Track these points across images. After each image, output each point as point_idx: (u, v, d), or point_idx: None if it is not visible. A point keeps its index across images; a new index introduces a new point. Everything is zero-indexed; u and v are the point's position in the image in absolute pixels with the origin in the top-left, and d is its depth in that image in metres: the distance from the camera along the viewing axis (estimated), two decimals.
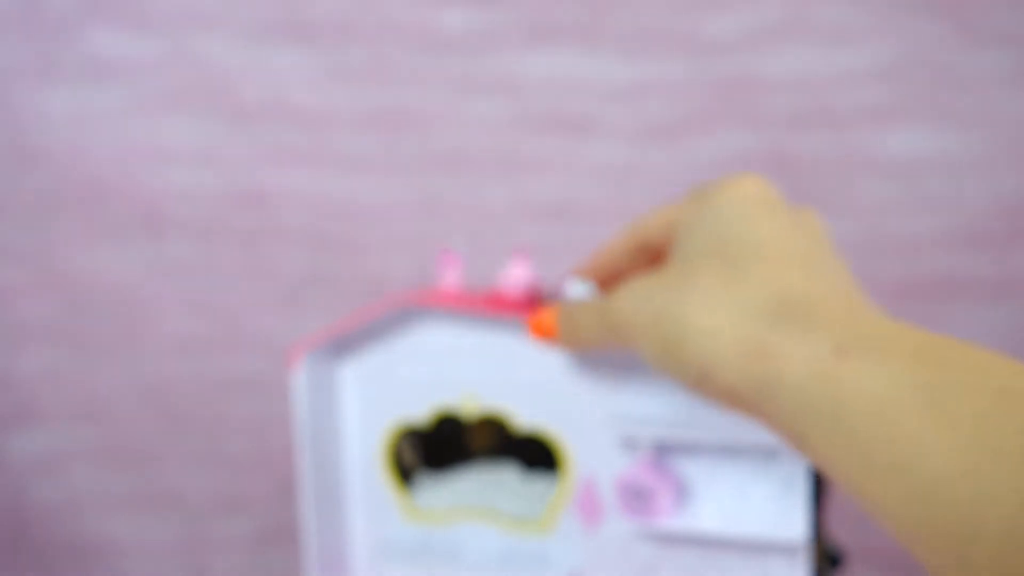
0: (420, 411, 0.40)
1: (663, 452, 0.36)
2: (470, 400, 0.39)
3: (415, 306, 0.39)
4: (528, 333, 0.36)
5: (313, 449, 0.40)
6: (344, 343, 0.40)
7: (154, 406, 0.63)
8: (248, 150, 0.61)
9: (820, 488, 0.35)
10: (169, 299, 0.62)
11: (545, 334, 0.35)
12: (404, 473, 0.41)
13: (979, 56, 0.58)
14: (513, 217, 0.61)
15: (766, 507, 0.35)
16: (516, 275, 0.38)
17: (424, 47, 0.60)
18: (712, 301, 0.28)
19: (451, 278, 0.39)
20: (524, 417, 0.38)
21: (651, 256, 0.35)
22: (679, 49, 0.59)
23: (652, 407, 0.36)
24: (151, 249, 0.62)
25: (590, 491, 0.37)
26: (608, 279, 0.36)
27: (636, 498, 0.36)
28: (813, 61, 0.58)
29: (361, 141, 0.61)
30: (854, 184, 0.59)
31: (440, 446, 0.41)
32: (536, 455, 0.40)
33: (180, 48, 0.60)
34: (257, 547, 0.64)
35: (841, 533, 0.43)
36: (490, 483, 0.40)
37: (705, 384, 0.28)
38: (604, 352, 0.36)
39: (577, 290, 0.36)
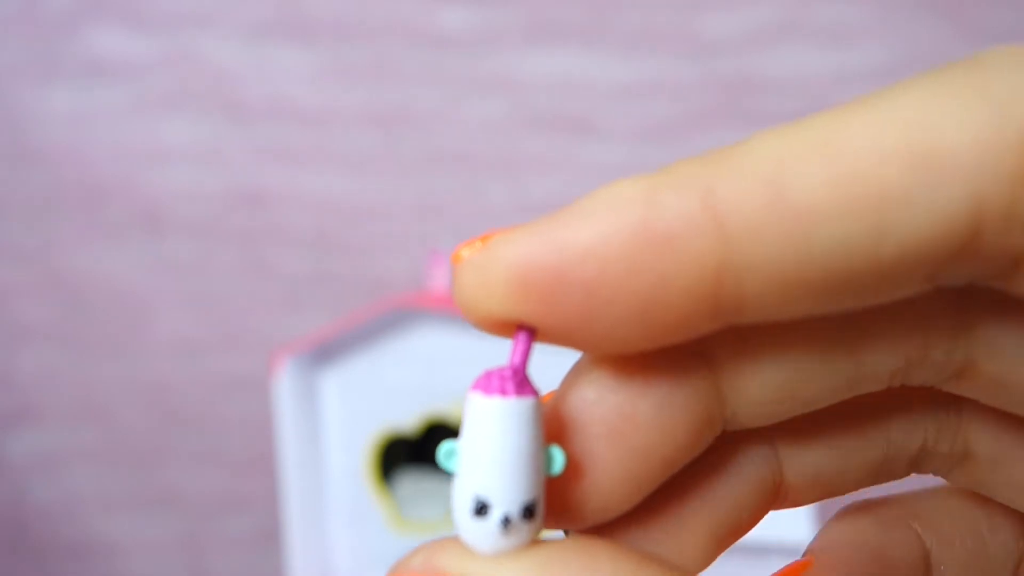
0: (408, 418, 0.39)
1: None
2: (461, 406, 0.39)
3: (404, 308, 0.38)
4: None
5: (296, 456, 0.40)
6: (329, 348, 0.40)
7: (154, 406, 0.63)
8: (248, 150, 0.61)
9: None
10: (169, 299, 0.62)
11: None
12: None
13: None
14: (513, 217, 0.61)
15: None
16: None
17: (424, 47, 0.60)
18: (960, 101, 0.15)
19: (441, 279, 0.39)
20: None
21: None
22: (679, 49, 0.59)
23: None
24: (151, 249, 0.62)
25: None
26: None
27: None
28: (813, 61, 0.58)
29: (361, 141, 0.61)
30: None
31: (429, 454, 0.41)
32: None
33: (180, 48, 0.60)
34: (257, 547, 0.64)
35: None
36: None
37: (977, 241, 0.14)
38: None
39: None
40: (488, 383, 0.16)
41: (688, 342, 0.16)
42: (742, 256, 0.14)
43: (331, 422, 0.41)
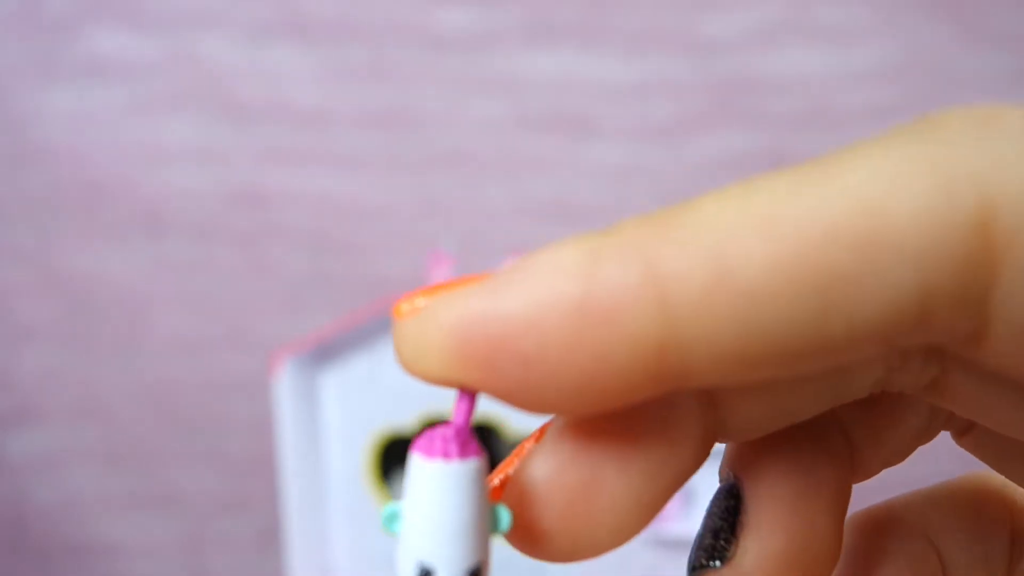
0: (408, 418, 0.39)
1: None
2: None
3: None
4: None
5: (296, 456, 0.40)
6: (329, 348, 0.40)
7: (154, 406, 0.63)
8: (248, 150, 0.61)
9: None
10: (169, 299, 0.62)
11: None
12: None
13: (979, 56, 0.58)
14: (513, 217, 0.61)
15: None
16: None
17: (424, 47, 0.60)
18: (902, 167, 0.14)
19: (441, 279, 0.39)
20: (517, 424, 0.38)
21: None
22: (679, 49, 0.59)
23: None
24: (151, 249, 0.62)
25: None
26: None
27: None
28: (813, 61, 0.58)
29: (361, 141, 0.61)
30: None
31: None
32: None
33: (180, 48, 0.60)
34: (257, 547, 0.64)
35: None
36: None
37: (926, 322, 0.14)
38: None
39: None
40: (430, 445, 0.15)
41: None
42: (685, 333, 0.14)
43: (331, 422, 0.41)
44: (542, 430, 0.17)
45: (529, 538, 0.16)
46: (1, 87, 0.61)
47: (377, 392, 0.40)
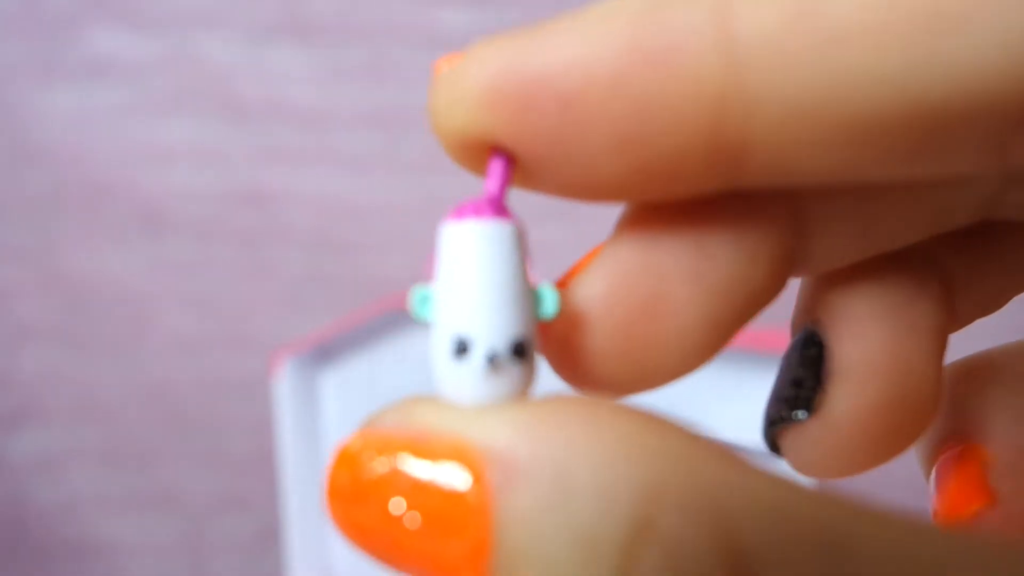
0: None
1: None
2: None
3: (404, 308, 0.38)
4: None
5: (296, 456, 0.40)
6: (329, 348, 0.40)
7: (154, 406, 0.63)
8: (248, 150, 0.61)
9: None
10: (169, 299, 0.62)
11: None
12: None
13: None
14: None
15: None
16: None
17: (424, 47, 0.60)
18: None
19: None
20: None
21: None
22: None
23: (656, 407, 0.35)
24: (151, 249, 0.62)
25: None
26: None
27: None
28: None
29: (361, 141, 0.61)
30: None
31: None
32: None
33: (180, 48, 0.60)
34: (257, 547, 0.64)
35: None
36: None
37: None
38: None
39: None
40: (462, 211, 0.14)
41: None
42: (751, 79, 0.11)
43: (331, 422, 0.41)
44: (598, 247, 0.15)
45: (583, 366, 0.14)
46: (2, 87, 0.61)
47: (377, 392, 0.39)
